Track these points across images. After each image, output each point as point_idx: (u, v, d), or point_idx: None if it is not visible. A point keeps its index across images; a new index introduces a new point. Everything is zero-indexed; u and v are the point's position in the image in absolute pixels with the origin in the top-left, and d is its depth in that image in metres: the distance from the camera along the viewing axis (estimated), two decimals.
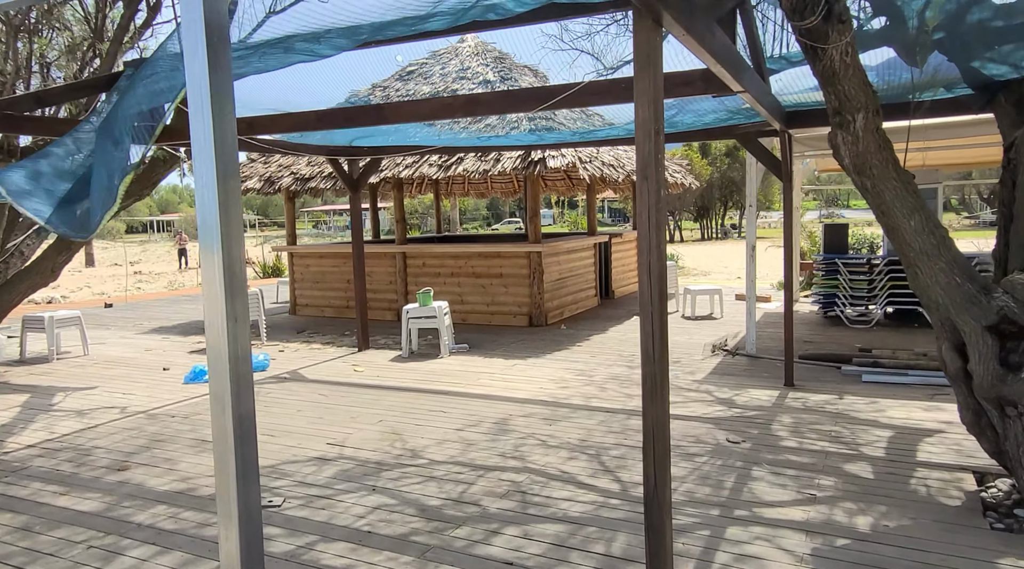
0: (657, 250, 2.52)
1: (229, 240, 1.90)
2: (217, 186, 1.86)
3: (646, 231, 2.53)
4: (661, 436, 2.55)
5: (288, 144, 7.06)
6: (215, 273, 1.89)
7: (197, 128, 1.87)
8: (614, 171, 10.06)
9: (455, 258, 10.59)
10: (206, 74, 1.80)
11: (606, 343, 8.61)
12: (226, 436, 1.91)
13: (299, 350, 8.76)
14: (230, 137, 1.89)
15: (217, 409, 1.96)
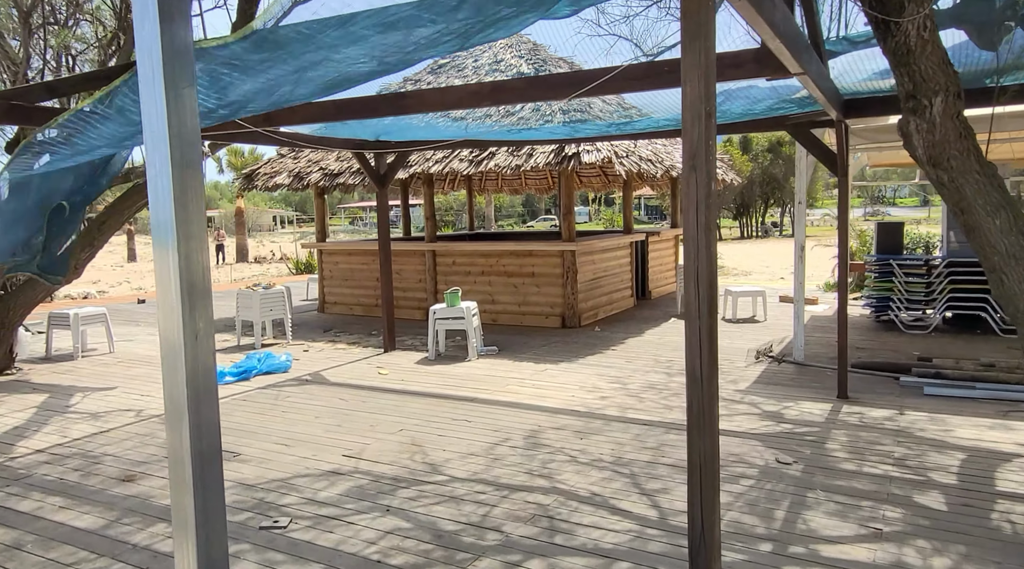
0: (707, 253, 2.13)
1: (188, 241, 1.57)
2: (172, 175, 1.53)
3: (694, 232, 2.14)
4: (710, 471, 2.16)
5: (311, 138, 6.80)
6: (170, 281, 1.56)
7: (148, 103, 1.54)
8: (652, 166, 9.60)
9: (486, 256, 10.26)
10: (157, 32, 1.47)
11: (642, 347, 8.18)
12: (183, 485, 1.59)
13: (324, 350, 8.52)
14: (189, 115, 1.56)
15: (175, 441, 1.64)
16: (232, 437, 5.16)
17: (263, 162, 11.54)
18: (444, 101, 4.46)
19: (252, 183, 11.22)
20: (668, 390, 6.19)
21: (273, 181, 10.95)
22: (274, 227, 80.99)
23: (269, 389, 6.63)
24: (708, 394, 2.15)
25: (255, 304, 8.67)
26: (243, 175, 11.40)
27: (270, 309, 8.83)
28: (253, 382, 6.92)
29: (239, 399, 6.27)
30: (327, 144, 7.20)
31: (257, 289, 8.75)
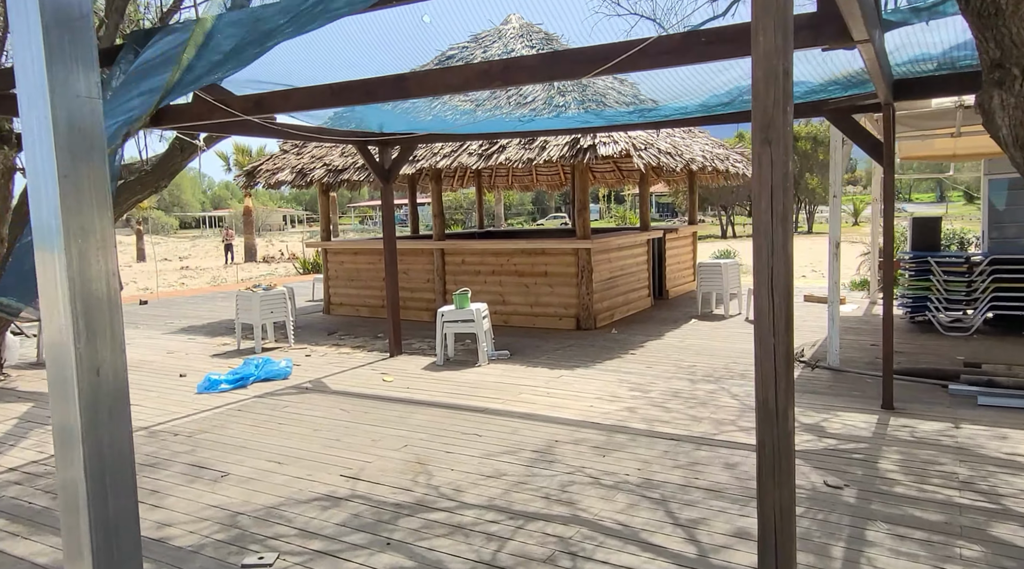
0: (784, 252, 1.66)
1: (81, 249, 1.12)
2: (57, 167, 1.08)
3: (767, 223, 1.67)
4: (787, 531, 1.69)
5: (307, 128, 6.36)
6: (57, 299, 1.11)
7: (24, 73, 1.10)
8: (671, 160, 9.11)
9: (496, 255, 9.80)
10: None
11: (663, 351, 7.70)
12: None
13: (326, 354, 8.10)
14: (83, 88, 1.11)
15: (69, 500, 1.19)
16: (221, 453, 4.73)
17: (265, 158, 11.14)
18: (449, 83, 4.00)
19: (254, 180, 10.82)
20: (694, 398, 5.71)
21: (275, 178, 10.54)
22: (284, 226, 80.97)
23: (267, 398, 6.20)
24: (784, 432, 1.68)
25: (255, 306, 8.26)
26: (245, 172, 11.00)
27: (271, 311, 8.42)
28: (250, 390, 6.50)
29: (234, 409, 5.84)
30: (327, 136, 6.76)
31: (257, 290, 8.34)
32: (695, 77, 4.64)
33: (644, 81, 5.56)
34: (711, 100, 5.03)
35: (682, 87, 5.05)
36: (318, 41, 5.00)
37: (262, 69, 5.05)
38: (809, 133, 39.25)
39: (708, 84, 4.54)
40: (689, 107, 5.23)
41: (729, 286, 9.93)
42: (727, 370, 6.69)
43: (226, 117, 4.72)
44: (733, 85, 4.73)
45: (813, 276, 15.95)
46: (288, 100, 4.52)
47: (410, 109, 7.15)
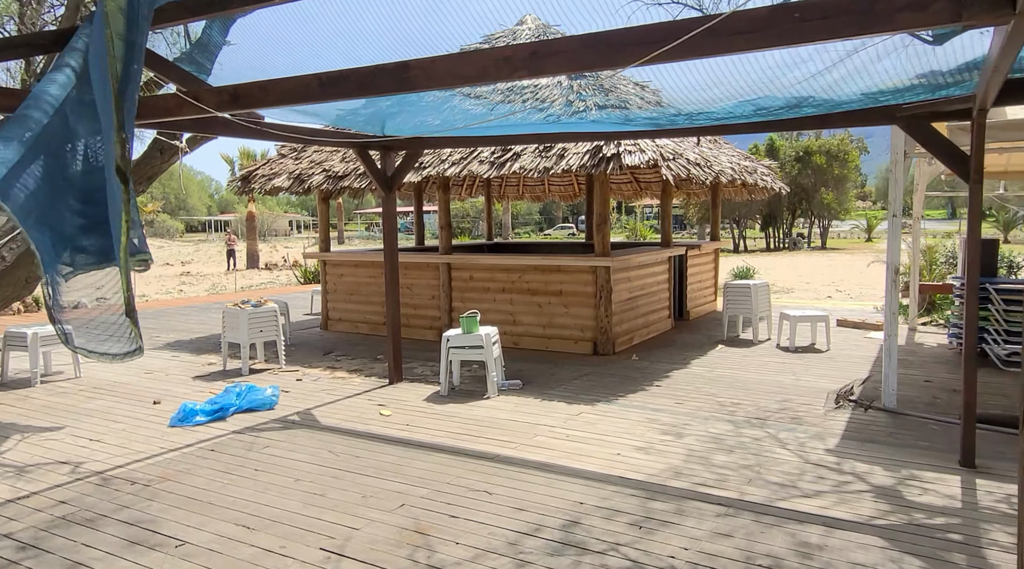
0: None
1: None
2: None
3: None
4: None
5: (300, 130, 5.64)
6: None
7: None
8: (701, 172, 8.35)
9: (507, 271, 9.05)
10: None
11: (692, 382, 6.92)
12: None
13: (320, 379, 7.34)
14: None
15: None
16: (183, 511, 3.97)
17: (261, 162, 10.44)
18: (462, 72, 3.26)
19: (248, 185, 10.11)
20: (740, 447, 4.93)
21: (271, 184, 9.83)
22: (290, 232, 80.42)
23: (246, 434, 5.45)
24: None
25: (242, 324, 7.52)
26: (240, 177, 10.30)
27: (260, 330, 7.67)
28: (230, 422, 5.75)
29: (206, 449, 5.09)
30: (322, 138, 6.04)
31: (245, 307, 7.61)
32: (750, 74, 3.90)
33: (679, 80, 4.80)
34: (768, 101, 4.27)
35: (729, 89, 4.30)
36: (316, 48, 4.30)
37: (257, 61, 4.34)
38: (821, 147, 38.51)
39: (776, 82, 3.78)
40: (741, 111, 4.46)
41: (759, 309, 9.15)
42: (770, 410, 5.91)
43: (198, 113, 3.99)
44: (800, 86, 3.97)
45: (839, 297, 15.12)
46: (268, 93, 3.79)
47: (416, 112, 6.45)
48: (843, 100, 4.42)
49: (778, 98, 4.29)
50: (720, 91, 4.25)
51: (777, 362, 7.85)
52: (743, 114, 4.62)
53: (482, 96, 6.76)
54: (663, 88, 4.68)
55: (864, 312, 11.48)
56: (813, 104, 4.58)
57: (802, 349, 8.58)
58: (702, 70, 3.88)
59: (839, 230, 51.75)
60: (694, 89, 4.18)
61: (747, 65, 3.77)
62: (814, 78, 3.92)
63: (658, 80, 4.32)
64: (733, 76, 3.92)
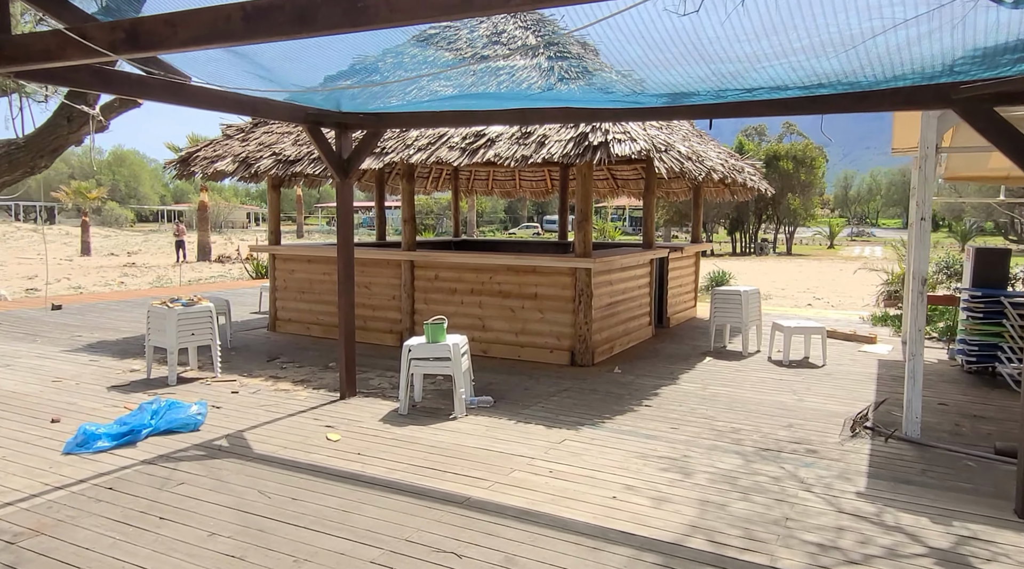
0: None
1: None
2: None
3: None
4: None
5: (233, 97, 4.65)
6: None
7: None
8: (694, 166, 7.59)
9: (476, 271, 8.16)
10: None
11: (684, 402, 6.14)
12: None
13: (259, 391, 6.35)
14: None
15: None
16: None
17: (203, 144, 9.34)
18: (440, 2, 2.37)
19: (188, 168, 9.01)
20: (761, 490, 4.13)
21: (214, 167, 8.76)
22: (248, 224, 77.88)
23: (158, 465, 4.45)
24: None
25: (170, 326, 6.48)
26: (178, 159, 9.18)
27: (191, 333, 6.64)
28: (141, 448, 4.75)
29: (103, 486, 4.08)
30: (265, 110, 5.06)
31: (174, 306, 6.56)
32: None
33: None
34: (821, 66, 3.45)
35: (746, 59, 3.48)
36: None
37: None
38: (788, 152, 38.49)
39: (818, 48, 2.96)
40: (786, 78, 3.62)
41: (749, 318, 8.43)
42: (779, 438, 5.14)
43: (86, 56, 3.01)
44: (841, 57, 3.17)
45: (819, 305, 14.60)
46: (176, 29, 2.83)
47: (380, 93, 5.56)
48: (879, 79, 3.65)
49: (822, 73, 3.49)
50: (735, 65, 3.45)
51: (773, 379, 7.12)
52: (765, 87, 3.79)
53: (453, 78, 5.89)
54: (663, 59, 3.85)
55: (851, 322, 10.90)
56: (848, 82, 3.81)
57: (796, 363, 7.88)
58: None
59: (801, 236, 52.09)
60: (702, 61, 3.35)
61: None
62: (862, 47, 3.13)
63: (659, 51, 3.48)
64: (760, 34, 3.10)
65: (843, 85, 3.89)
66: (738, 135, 48.63)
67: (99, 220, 63.57)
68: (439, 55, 7.10)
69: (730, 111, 4.43)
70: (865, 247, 49.32)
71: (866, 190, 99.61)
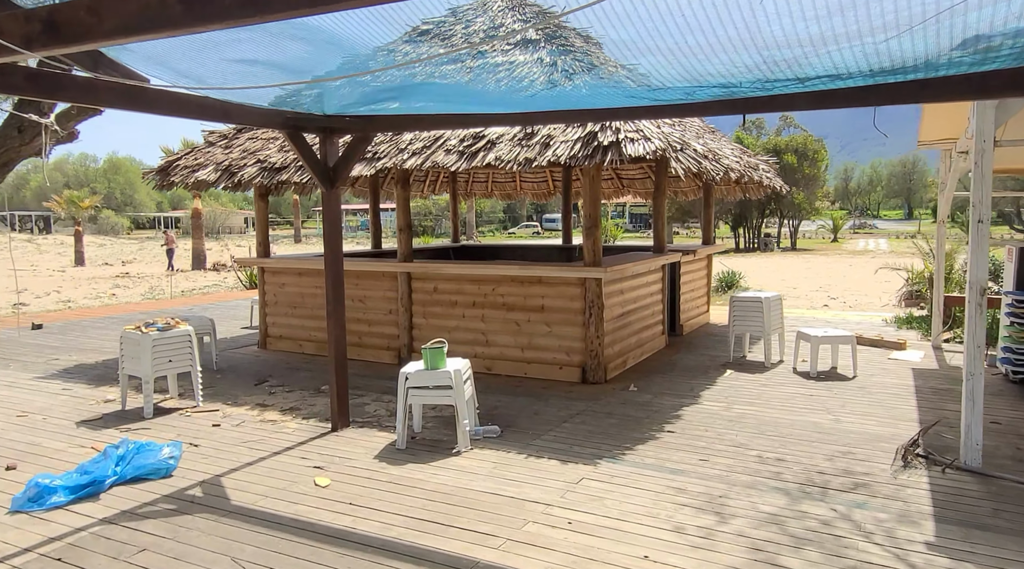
0: None
1: None
2: None
3: None
4: None
5: (196, 101, 4.09)
6: None
7: None
8: (712, 166, 7.02)
9: (478, 282, 7.61)
10: None
11: (710, 425, 5.58)
12: None
13: (244, 423, 5.79)
14: None
15: None
16: None
17: (184, 152, 8.78)
18: None
19: (168, 178, 8.45)
20: (814, 540, 3.57)
21: (195, 177, 8.19)
22: (245, 229, 77.20)
23: (119, 524, 3.89)
24: None
25: (144, 354, 5.92)
26: (158, 169, 8.62)
27: (168, 360, 6.08)
28: (103, 501, 4.19)
29: (50, 558, 3.52)
30: (236, 115, 4.50)
31: (149, 331, 6.00)
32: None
33: None
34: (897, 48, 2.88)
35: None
36: None
37: None
38: (789, 145, 37.90)
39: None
40: (852, 64, 3.01)
41: (771, 326, 7.87)
42: (823, 470, 4.58)
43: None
44: None
45: (836, 305, 14.02)
46: (101, 18, 2.27)
47: (372, 94, 5.01)
48: (970, 62, 3.08)
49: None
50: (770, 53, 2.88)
51: (803, 394, 6.56)
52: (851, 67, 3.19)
53: (448, 76, 5.32)
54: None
55: (874, 325, 10.34)
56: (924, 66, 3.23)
57: (824, 375, 7.32)
58: None
59: (804, 230, 51.44)
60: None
61: None
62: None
63: None
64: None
65: (915, 70, 3.32)
66: (736, 130, 48.04)
67: (95, 229, 62.99)
68: (433, 52, 6.51)
69: (769, 106, 3.85)
70: (869, 240, 48.74)
71: (867, 182, 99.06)
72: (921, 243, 12.71)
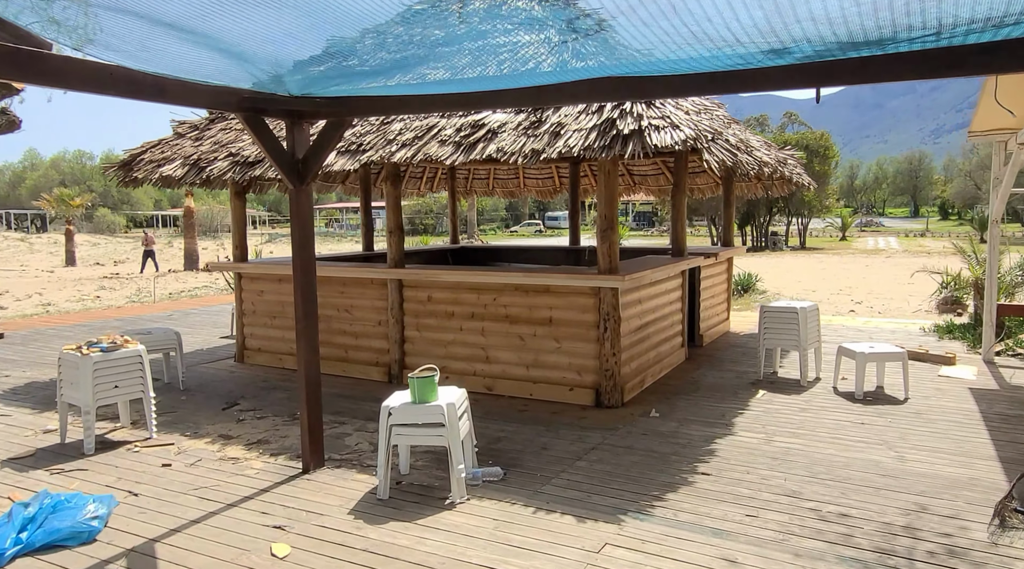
0: None
1: None
2: None
3: None
4: None
5: (108, 72, 3.20)
6: None
7: None
8: (747, 160, 6.12)
9: (478, 291, 6.72)
10: None
11: (750, 464, 4.70)
12: None
13: (200, 461, 4.91)
14: None
15: None
16: None
17: (149, 145, 7.89)
18: None
19: (131, 174, 7.56)
20: None
21: (161, 172, 7.31)
22: None
23: None
24: None
25: (83, 379, 5.03)
26: (120, 163, 7.73)
27: (114, 386, 5.20)
28: None
29: None
30: (170, 93, 3.61)
31: (91, 352, 5.12)
32: None
33: None
34: None
35: None
36: None
37: None
38: (799, 142, 36.94)
39: None
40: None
41: (808, 340, 6.97)
42: (896, 528, 3.70)
43: None
44: None
45: (862, 310, 13.09)
46: None
47: (344, 69, 4.14)
48: None
49: None
50: None
51: (852, 422, 5.67)
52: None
53: (444, 58, 4.40)
54: None
55: (911, 335, 9.44)
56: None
57: (871, 397, 6.43)
58: None
59: (812, 228, 50.45)
60: None
61: None
62: None
63: None
64: None
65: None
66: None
67: (91, 227, 62.17)
68: (428, 34, 5.49)
69: (862, 73, 2.96)
70: (879, 239, 47.78)
71: (872, 179, 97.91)
72: (961, 244, 11.77)
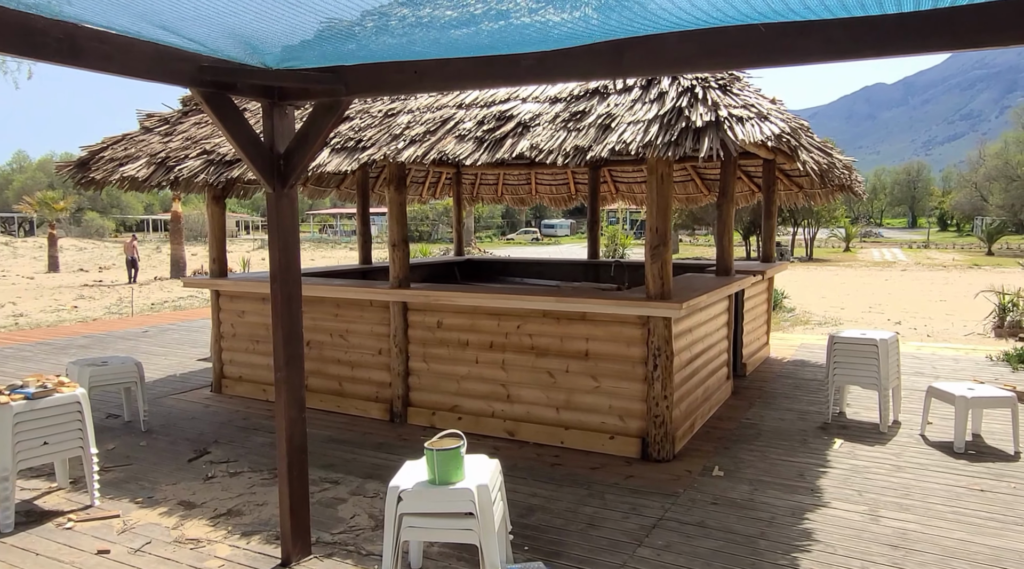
0: None
1: None
2: None
3: None
4: None
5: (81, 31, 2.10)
6: None
7: None
8: (825, 161, 5.05)
9: (497, 318, 5.62)
10: None
11: (864, 554, 3.60)
12: None
13: (149, 544, 3.77)
14: None
15: None
16: None
17: (112, 140, 6.76)
18: None
19: (87, 174, 6.43)
20: None
21: (121, 173, 6.17)
22: (236, 233, 74.59)
23: None
24: None
25: (2, 435, 3.89)
26: (75, 163, 6.59)
27: (42, 442, 4.06)
28: None
29: None
30: (100, 59, 2.51)
31: (11, 399, 3.98)
32: None
33: None
34: None
35: None
36: None
37: None
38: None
39: None
40: None
41: (888, 379, 5.88)
42: None
43: None
44: None
45: (907, 331, 12.01)
46: None
47: (339, 29, 3.07)
48: None
49: None
50: None
51: (966, 487, 4.58)
52: None
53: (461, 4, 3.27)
54: None
55: (977, 364, 8.37)
56: None
57: (974, 450, 5.34)
58: None
59: (823, 238, 49.43)
60: None
61: None
62: None
63: None
64: None
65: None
66: None
67: (79, 231, 60.73)
68: (437, 15, 4.17)
69: None
70: (884, 250, 46.89)
71: (870, 189, 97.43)
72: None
